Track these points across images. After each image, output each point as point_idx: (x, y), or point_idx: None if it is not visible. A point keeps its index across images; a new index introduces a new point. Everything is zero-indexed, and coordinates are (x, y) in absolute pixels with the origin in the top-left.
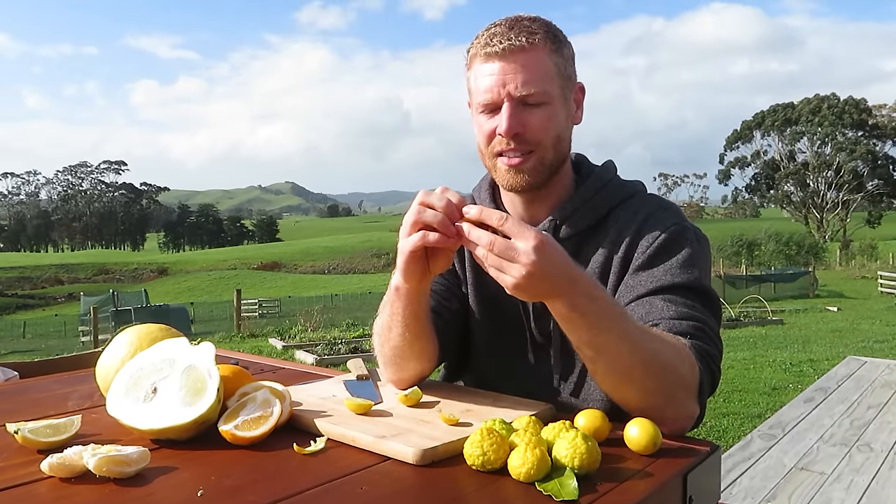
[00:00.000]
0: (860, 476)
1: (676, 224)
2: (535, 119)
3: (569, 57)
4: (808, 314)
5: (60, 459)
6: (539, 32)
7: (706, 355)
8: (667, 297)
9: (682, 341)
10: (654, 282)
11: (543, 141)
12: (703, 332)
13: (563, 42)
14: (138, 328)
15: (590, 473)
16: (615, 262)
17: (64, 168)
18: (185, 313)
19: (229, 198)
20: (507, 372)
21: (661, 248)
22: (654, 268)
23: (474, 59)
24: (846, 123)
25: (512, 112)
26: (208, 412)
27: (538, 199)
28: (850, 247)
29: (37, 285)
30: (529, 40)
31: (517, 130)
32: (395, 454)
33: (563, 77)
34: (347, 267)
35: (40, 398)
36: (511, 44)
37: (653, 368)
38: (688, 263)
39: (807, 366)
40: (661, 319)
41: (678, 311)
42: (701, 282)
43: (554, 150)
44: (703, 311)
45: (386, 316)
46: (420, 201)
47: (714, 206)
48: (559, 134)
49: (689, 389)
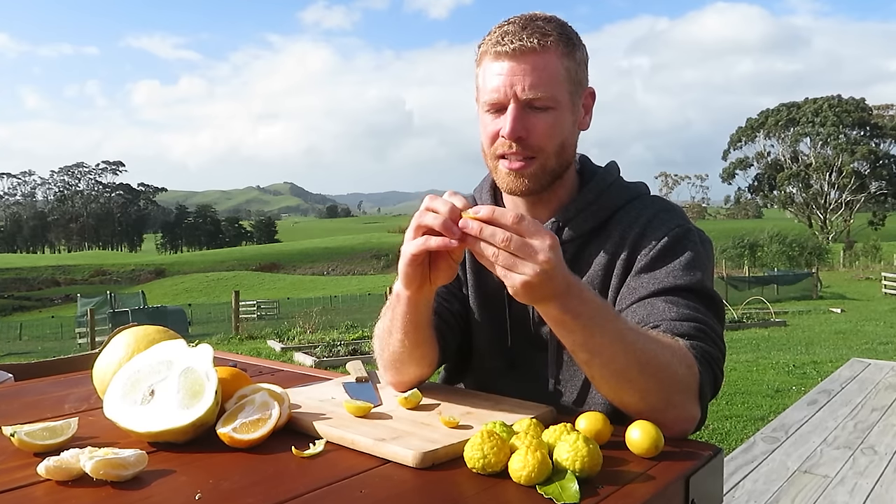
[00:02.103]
0: (864, 479)
1: (680, 226)
2: (540, 124)
3: (581, 61)
4: (812, 316)
5: (57, 462)
6: (552, 35)
7: (707, 356)
8: (668, 299)
9: (680, 342)
10: (655, 283)
11: (546, 147)
12: (704, 333)
13: (576, 45)
14: (135, 330)
15: (591, 476)
16: (618, 265)
17: (60, 168)
18: (183, 315)
19: (227, 198)
20: (507, 374)
21: (663, 250)
22: (656, 270)
23: (484, 57)
24: (847, 123)
25: (516, 115)
26: (206, 415)
27: (540, 202)
28: (853, 248)
29: (33, 287)
30: (541, 42)
31: (520, 134)
32: (394, 457)
33: (572, 82)
34: (346, 268)
35: (37, 401)
36: (522, 44)
37: (649, 370)
38: (690, 266)
39: (810, 368)
40: (662, 321)
41: (679, 312)
42: (703, 284)
43: (557, 157)
44: (705, 314)
45: (387, 321)
46: (425, 206)
47: (716, 206)
48: (563, 141)
49: (689, 391)
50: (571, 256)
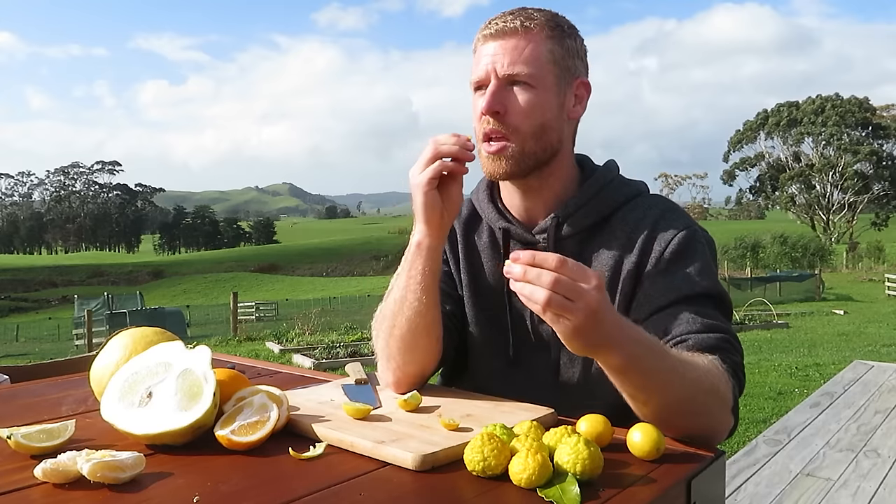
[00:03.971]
0: (867, 482)
1: (688, 227)
2: (518, 101)
3: (571, 49)
4: (814, 317)
5: (54, 465)
6: (538, 19)
7: (735, 367)
8: (691, 309)
9: (714, 362)
10: (675, 291)
11: (522, 126)
12: (729, 343)
13: (566, 33)
14: (133, 331)
15: (592, 479)
16: (627, 265)
17: (56, 169)
18: (181, 316)
19: (226, 199)
20: (507, 375)
21: (676, 253)
22: (672, 275)
23: (476, 44)
24: (850, 123)
25: (494, 89)
26: (204, 417)
27: (534, 193)
28: (856, 249)
29: (30, 288)
30: (525, 24)
31: (496, 109)
32: (394, 460)
33: (559, 66)
34: (346, 269)
35: (33, 403)
36: (506, 25)
37: (700, 398)
38: (704, 270)
39: (813, 370)
40: (690, 334)
41: (704, 323)
42: (718, 288)
43: (535, 139)
44: (722, 319)
45: (400, 287)
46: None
47: (717, 207)
48: (544, 123)
49: (727, 405)
50: (571, 253)
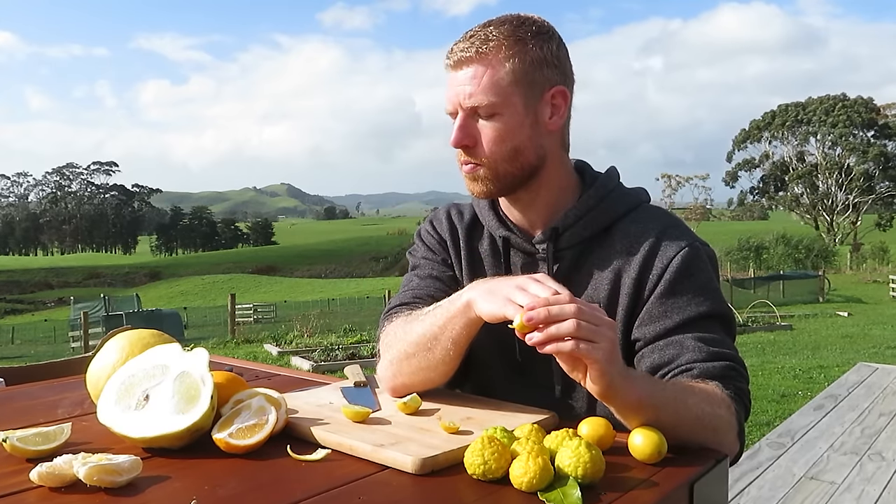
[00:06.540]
0: (871, 486)
1: (690, 245)
2: (486, 131)
3: (537, 59)
4: (818, 319)
5: (50, 468)
6: (494, 40)
7: (740, 393)
8: (695, 335)
9: (716, 388)
10: (678, 314)
11: (494, 154)
12: (734, 370)
13: (530, 44)
14: (129, 333)
15: (593, 483)
16: (627, 281)
17: (52, 170)
18: (178, 318)
19: (223, 200)
20: (512, 380)
21: (679, 272)
22: (675, 296)
23: (445, 70)
24: (856, 123)
25: (461, 124)
26: (202, 420)
27: (527, 205)
28: (860, 250)
29: (26, 289)
30: (480, 49)
31: (465, 142)
32: (393, 463)
33: (522, 84)
34: (345, 271)
35: (29, 405)
36: (463, 54)
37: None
38: (707, 289)
39: (816, 372)
40: (695, 363)
41: (709, 351)
42: (722, 308)
43: (509, 162)
44: (727, 343)
45: (433, 325)
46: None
47: (720, 208)
48: (516, 146)
49: (732, 430)
50: (570, 264)
